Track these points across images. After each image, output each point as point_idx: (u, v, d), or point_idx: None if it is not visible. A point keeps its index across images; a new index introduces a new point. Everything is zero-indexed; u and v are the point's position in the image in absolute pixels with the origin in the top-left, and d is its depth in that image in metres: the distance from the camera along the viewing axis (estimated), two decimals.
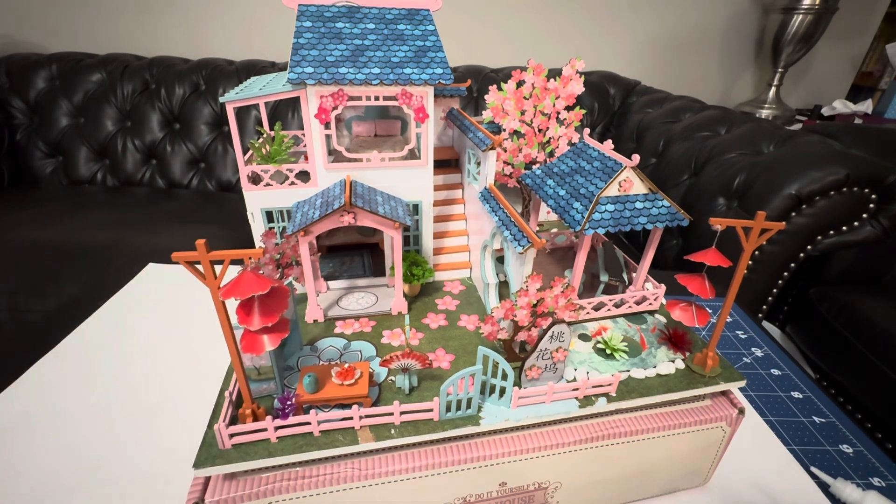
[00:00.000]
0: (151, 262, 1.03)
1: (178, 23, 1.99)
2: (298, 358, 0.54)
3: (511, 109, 0.68)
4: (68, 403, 0.68)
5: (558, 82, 0.67)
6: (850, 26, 2.28)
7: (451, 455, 0.45)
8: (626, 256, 0.68)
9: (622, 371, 0.52)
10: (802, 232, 1.15)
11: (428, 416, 0.45)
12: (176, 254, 0.35)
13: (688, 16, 2.21)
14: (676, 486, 0.58)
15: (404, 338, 0.51)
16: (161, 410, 0.67)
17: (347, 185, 0.56)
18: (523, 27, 2.12)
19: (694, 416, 0.52)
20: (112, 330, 0.83)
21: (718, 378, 0.52)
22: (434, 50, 0.58)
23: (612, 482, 0.54)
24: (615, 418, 0.50)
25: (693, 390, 0.51)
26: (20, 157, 1.82)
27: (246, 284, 0.36)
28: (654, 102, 1.82)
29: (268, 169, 0.60)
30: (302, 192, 0.61)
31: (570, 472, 0.51)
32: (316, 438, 0.43)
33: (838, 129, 1.47)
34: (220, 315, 0.38)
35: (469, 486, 0.48)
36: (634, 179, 0.52)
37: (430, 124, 0.59)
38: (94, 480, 0.57)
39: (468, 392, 0.45)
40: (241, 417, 0.43)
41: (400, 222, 0.55)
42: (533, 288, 0.47)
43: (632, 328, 0.58)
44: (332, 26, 0.57)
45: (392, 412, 0.44)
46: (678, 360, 0.54)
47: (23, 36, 1.95)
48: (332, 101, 0.55)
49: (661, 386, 0.51)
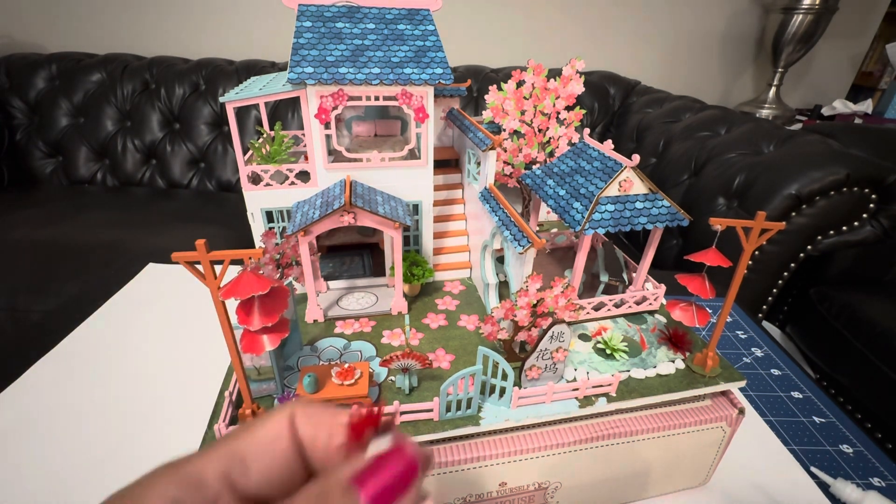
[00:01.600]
0: (151, 262, 1.03)
1: (178, 23, 1.99)
2: (298, 358, 0.54)
3: (511, 109, 0.68)
4: (68, 403, 0.68)
5: (558, 82, 0.67)
6: (850, 26, 2.28)
7: (451, 455, 0.45)
8: (625, 256, 0.68)
9: (622, 371, 0.52)
10: (802, 232, 1.15)
11: (428, 416, 0.45)
12: (176, 254, 0.35)
13: (688, 16, 2.21)
14: (676, 486, 0.58)
15: (404, 338, 0.51)
16: (161, 410, 0.67)
17: (347, 185, 0.56)
18: (523, 27, 2.12)
19: (694, 417, 0.52)
20: (112, 330, 0.83)
21: (718, 378, 0.52)
22: (434, 50, 0.58)
23: (612, 482, 0.54)
24: (615, 418, 0.50)
25: (693, 390, 0.51)
26: (20, 157, 1.82)
27: (246, 284, 0.36)
28: (654, 102, 1.82)
29: (268, 169, 0.60)
30: (302, 192, 0.61)
31: (570, 472, 0.51)
32: None
33: (838, 129, 1.47)
34: (220, 315, 0.38)
35: (469, 486, 0.48)
36: (634, 179, 0.52)
37: (429, 124, 0.59)
38: (93, 480, 0.57)
39: (468, 392, 0.45)
40: (241, 417, 0.43)
41: (400, 222, 0.55)
42: (533, 288, 0.47)
43: (632, 328, 0.58)
44: (332, 26, 0.57)
45: (392, 412, 0.44)
46: (678, 360, 0.54)
47: (23, 36, 1.95)
48: (332, 101, 0.55)
49: (662, 386, 0.51)
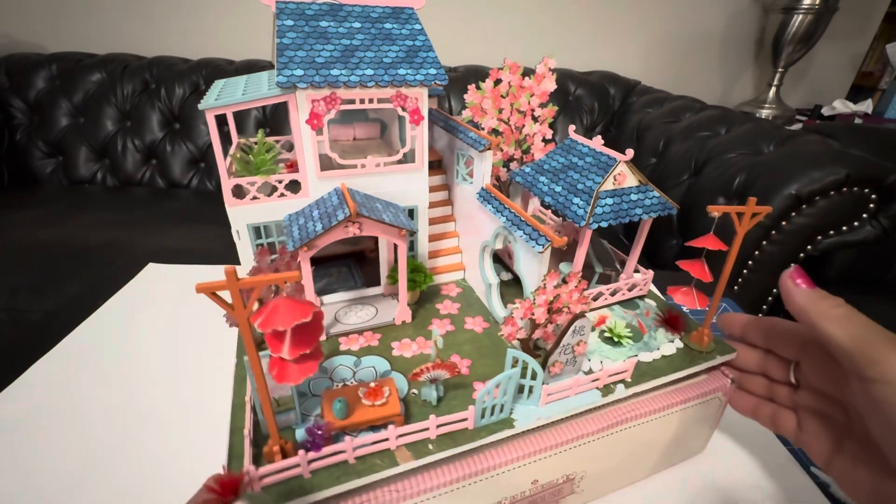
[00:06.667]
0: (151, 262, 1.03)
1: (178, 23, 1.99)
2: (309, 382, 0.50)
3: (489, 108, 0.68)
4: (68, 403, 0.68)
5: (532, 80, 0.67)
6: (850, 26, 2.28)
7: (487, 461, 0.44)
8: (612, 247, 0.69)
9: (631, 356, 0.53)
10: (802, 232, 1.15)
11: (462, 425, 0.44)
12: (200, 285, 0.31)
13: (688, 16, 2.21)
14: (682, 458, 0.61)
15: (436, 349, 0.49)
16: (160, 410, 0.67)
17: (346, 194, 0.53)
18: (523, 27, 2.12)
19: (696, 391, 0.54)
20: (112, 330, 0.83)
21: (714, 353, 0.55)
22: (425, 50, 0.56)
23: (628, 463, 0.56)
24: (630, 402, 0.52)
25: (696, 366, 0.54)
26: (20, 157, 1.82)
27: (285, 313, 0.33)
28: (654, 102, 1.82)
29: (255, 181, 0.55)
30: (293, 203, 0.57)
31: (593, 459, 0.52)
32: (352, 466, 0.40)
33: (838, 129, 1.47)
34: (248, 348, 0.34)
35: (503, 489, 0.47)
36: (627, 172, 0.54)
37: (424, 126, 0.58)
38: (93, 480, 0.57)
39: (502, 396, 0.44)
40: (268, 456, 0.39)
41: (407, 229, 0.53)
42: (551, 285, 0.47)
43: (628, 314, 0.60)
44: (317, 25, 0.53)
45: (428, 427, 0.42)
46: (676, 340, 0.57)
47: (23, 36, 1.95)
48: (324, 106, 0.52)
49: (668, 366, 0.53)
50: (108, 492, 0.56)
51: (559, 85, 0.80)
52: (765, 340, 0.53)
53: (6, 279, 1.16)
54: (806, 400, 0.49)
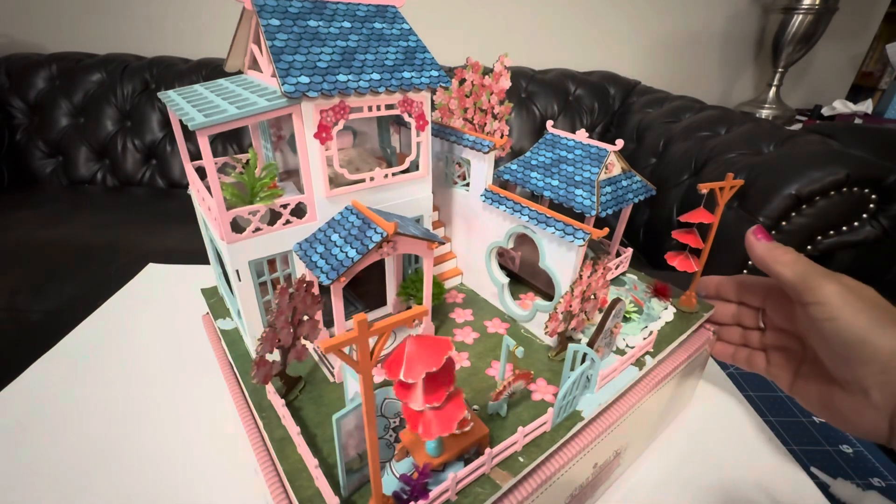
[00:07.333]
0: (151, 262, 1.03)
1: (178, 23, 1.99)
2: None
3: (456, 108, 0.68)
4: (68, 403, 0.68)
5: (491, 78, 0.67)
6: (850, 26, 2.28)
7: (563, 458, 0.44)
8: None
9: (642, 329, 0.58)
10: (802, 232, 1.15)
11: (542, 430, 0.44)
12: (325, 343, 0.25)
13: (688, 16, 2.21)
14: (675, 413, 0.67)
15: (512, 358, 0.48)
16: (160, 410, 0.67)
17: (367, 212, 0.48)
18: (522, 27, 2.12)
19: (692, 346, 0.60)
20: (112, 330, 0.83)
21: (701, 311, 0.63)
22: (420, 51, 0.53)
23: (649, 429, 0.60)
24: (656, 369, 0.56)
25: (693, 326, 0.60)
26: (20, 157, 1.82)
27: (417, 358, 0.28)
28: (654, 102, 1.82)
29: (257, 210, 0.47)
30: (299, 230, 0.50)
31: (632, 431, 0.55)
32: (456, 503, 0.38)
33: (838, 129, 1.47)
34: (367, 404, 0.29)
35: (575, 480, 0.47)
36: (615, 161, 0.58)
37: (429, 132, 0.55)
38: (93, 480, 0.57)
39: (574, 390, 0.45)
40: None
41: (437, 241, 0.50)
42: (586, 276, 0.49)
43: (620, 290, 0.65)
44: (305, 25, 0.48)
45: (516, 440, 0.41)
46: (669, 306, 0.63)
47: (23, 36, 1.96)
48: (333, 116, 0.46)
49: (674, 330, 0.59)
50: (107, 491, 0.56)
51: (560, 85, 0.80)
52: (736, 295, 0.62)
53: (6, 279, 1.16)
54: (772, 339, 0.58)
